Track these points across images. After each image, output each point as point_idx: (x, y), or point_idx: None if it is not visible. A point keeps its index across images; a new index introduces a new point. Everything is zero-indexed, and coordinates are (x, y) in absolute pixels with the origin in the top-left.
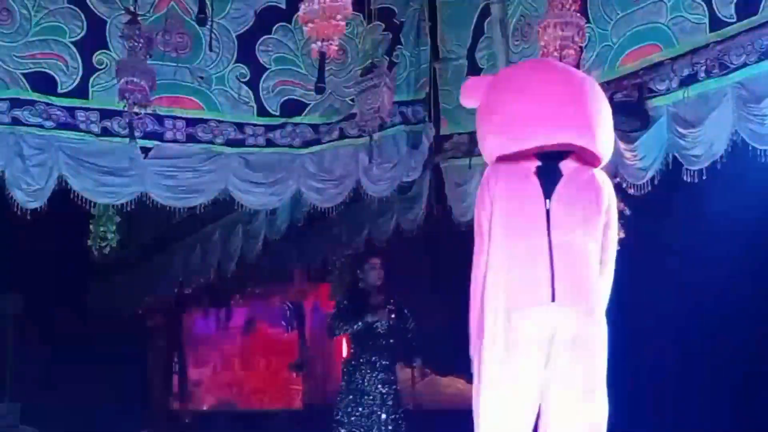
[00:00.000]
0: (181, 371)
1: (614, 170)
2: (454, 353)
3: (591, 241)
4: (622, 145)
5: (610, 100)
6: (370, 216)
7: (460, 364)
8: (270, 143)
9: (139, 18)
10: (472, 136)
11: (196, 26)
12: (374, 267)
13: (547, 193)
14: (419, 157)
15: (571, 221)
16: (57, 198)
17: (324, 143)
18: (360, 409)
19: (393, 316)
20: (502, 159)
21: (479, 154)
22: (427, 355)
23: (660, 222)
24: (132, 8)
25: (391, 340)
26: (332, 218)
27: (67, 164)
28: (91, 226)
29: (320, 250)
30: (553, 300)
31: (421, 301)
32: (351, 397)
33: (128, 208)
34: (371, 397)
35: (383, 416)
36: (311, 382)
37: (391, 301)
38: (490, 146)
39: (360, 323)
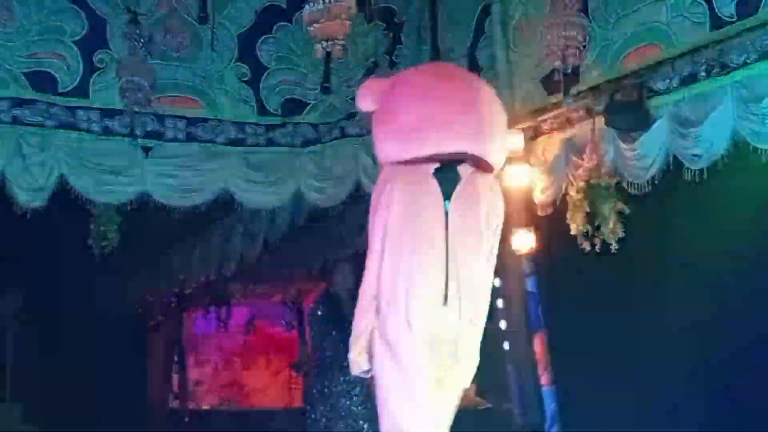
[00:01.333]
0: (182, 370)
1: (615, 169)
2: None
3: (483, 243)
4: (622, 145)
5: (611, 99)
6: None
7: None
8: (270, 142)
9: (139, 17)
10: None
11: (197, 25)
12: (349, 272)
13: (446, 195)
14: None
15: (467, 224)
16: (57, 197)
17: (324, 142)
18: (334, 409)
19: None
20: (400, 162)
21: None
22: None
23: (660, 221)
24: (133, 7)
25: None
26: (332, 218)
27: (67, 163)
28: (91, 226)
29: (320, 250)
30: (445, 302)
31: None
32: (323, 399)
33: (129, 208)
34: (343, 399)
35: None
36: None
37: None
38: (387, 151)
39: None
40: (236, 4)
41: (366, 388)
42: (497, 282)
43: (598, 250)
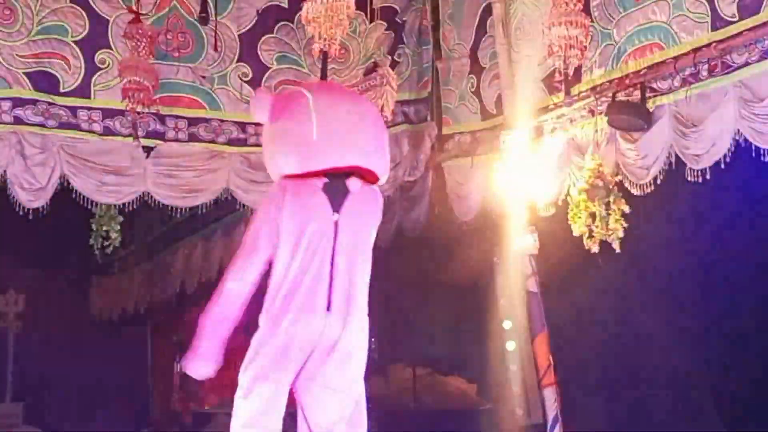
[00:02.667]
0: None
1: (616, 169)
2: (455, 353)
3: (368, 251)
4: (624, 145)
5: (613, 99)
6: None
7: (461, 365)
8: None
9: (141, 17)
10: (474, 135)
11: (198, 25)
12: None
13: (335, 208)
14: (421, 157)
15: (355, 234)
16: (59, 197)
17: None
18: None
19: None
20: (291, 176)
21: (481, 154)
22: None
23: (663, 221)
24: (134, 7)
25: None
26: None
27: (68, 163)
28: (92, 226)
29: None
30: (328, 309)
31: (422, 301)
32: None
33: (130, 208)
34: None
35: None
36: None
37: None
38: (280, 165)
39: None
40: (238, 4)
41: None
42: (500, 282)
43: (599, 250)
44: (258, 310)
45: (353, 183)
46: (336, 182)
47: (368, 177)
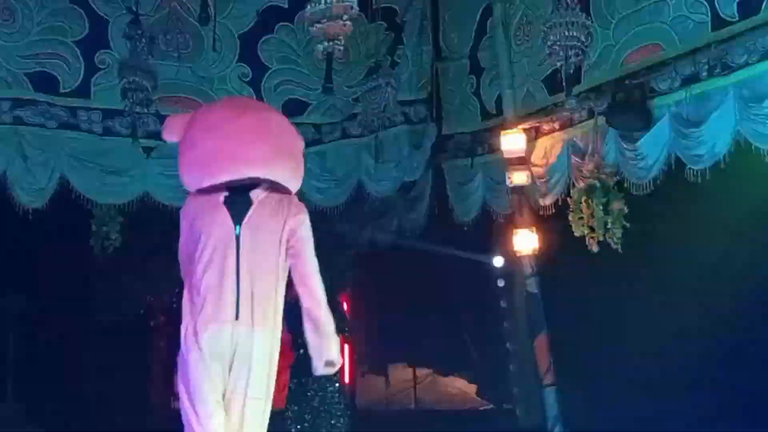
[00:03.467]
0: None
1: (616, 170)
2: (455, 354)
3: (279, 261)
4: (624, 145)
5: (613, 99)
6: (372, 215)
7: (461, 365)
8: None
9: (141, 18)
10: (474, 135)
11: (198, 26)
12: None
13: (238, 220)
14: (421, 157)
15: (259, 245)
16: (59, 197)
17: (326, 143)
18: (312, 403)
19: (341, 328)
20: (200, 191)
21: (481, 154)
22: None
23: (662, 221)
24: (134, 8)
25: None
26: (334, 218)
27: (69, 164)
28: (93, 226)
29: (322, 250)
30: (237, 318)
31: (422, 302)
32: (302, 397)
33: (130, 208)
34: (321, 399)
35: (331, 409)
36: None
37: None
38: (187, 181)
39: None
40: (237, 5)
41: (337, 390)
42: (500, 282)
43: (599, 250)
44: None
45: (257, 194)
46: (238, 195)
47: (278, 186)
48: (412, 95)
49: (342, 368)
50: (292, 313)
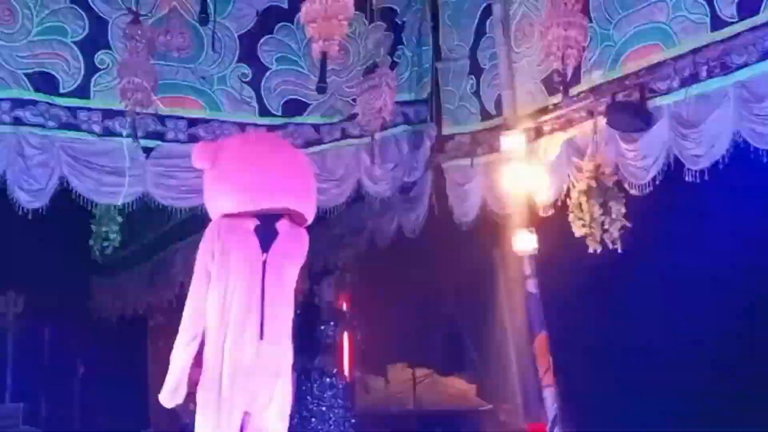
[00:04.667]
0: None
1: (616, 170)
2: (454, 354)
3: (291, 285)
4: (623, 145)
5: (612, 99)
6: (371, 216)
7: (461, 365)
8: None
9: (140, 18)
10: (474, 136)
11: (198, 26)
12: (330, 285)
13: (265, 247)
14: (421, 158)
15: (283, 271)
16: (58, 198)
17: (326, 143)
18: (313, 409)
19: (343, 328)
20: (227, 215)
21: (481, 154)
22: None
23: (661, 222)
24: (134, 8)
25: (336, 350)
26: (333, 218)
27: (68, 164)
28: (92, 226)
29: (321, 251)
30: (261, 338)
31: (422, 302)
32: (303, 399)
33: (130, 208)
34: (322, 400)
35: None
36: None
37: (340, 314)
38: (220, 206)
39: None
40: (237, 5)
41: (339, 391)
42: (499, 283)
43: (599, 251)
44: None
45: (283, 225)
46: (266, 224)
47: (297, 219)
48: (411, 95)
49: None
50: (299, 323)
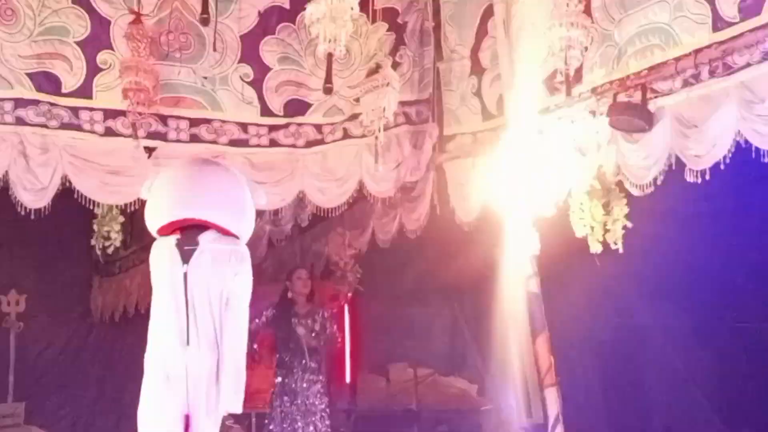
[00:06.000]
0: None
1: (617, 170)
2: (456, 353)
3: (223, 294)
4: (625, 146)
5: (614, 100)
6: (373, 216)
7: (462, 364)
8: (273, 143)
9: (142, 18)
10: (476, 136)
11: (200, 26)
12: (300, 278)
13: (185, 259)
14: (422, 157)
15: (203, 281)
16: (60, 198)
17: (327, 143)
18: (294, 405)
19: (317, 323)
20: (159, 232)
21: (483, 155)
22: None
23: (663, 222)
24: (136, 8)
25: (315, 344)
26: (336, 218)
27: (70, 164)
28: (94, 226)
29: (324, 251)
30: (188, 343)
31: (423, 302)
32: (285, 397)
33: (132, 208)
34: (303, 395)
35: (314, 410)
36: None
37: (318, 311)
38: (149, 224)
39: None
40: (239, 5)
41: (323, 386)
42: (500, 283)
43: (600, 251)
44: None
45: (204, 238)
46: (188, 238)
47: (225, 232)
48: (413, 96)
49: (343, 368)
50: (276, 320)
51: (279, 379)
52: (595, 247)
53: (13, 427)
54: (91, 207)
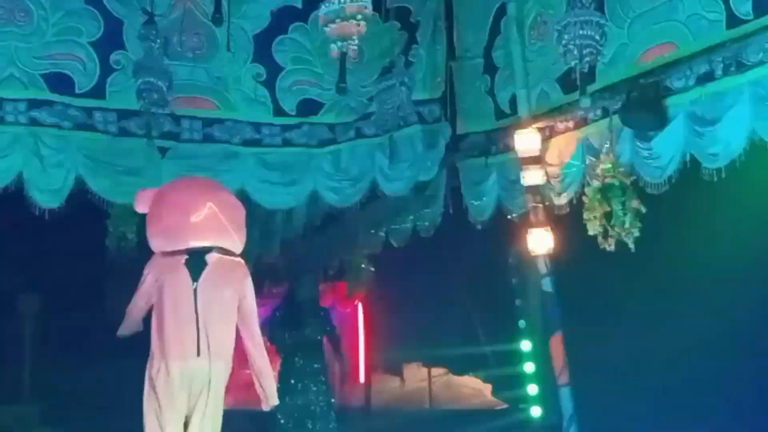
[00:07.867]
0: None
1: (631, 169)
2: (470, 353)
3: (230, 309)
4: (639, 144)
5: (628, 98)
6: (386, 215)
7: (476, 364)
8: (286, 143)
9: (155, 18)
10: (488, 134)
11: (213, 26)
12: (309, 283)
13: (195, 277)
14: (435, 157)
15: (212, 298)
16: (75, 198)
17: (340, 143)
18: (298, 402)
19: (322, 323)
20: (164, 253)
21: (496, 153)
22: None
23: (678, 221)
24: (149, 9)
25: (321, 346)
26: (349, 218)
27: (84, 164)
28: (109, 226)
29: (337, 250)
30: (198, 354)
31: (437, 301)
32: (288, 396)
33: None
34: (307, 395)
35: (317, 409)
36: None
37: (321, 313)
38: (155, 245)
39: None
40: (251, 5)
41: (324, 385)
42: (514, 281)
43: (614, 250)
44: None
45: (211, 257)
46: (196, 257)
47: (227, 252)
48: (426, 95)
49: (357, 367)
50: (275, 323)
51: (281, 380)
52: (609, 247)
53: (27, 430)
54: (105, 207)
